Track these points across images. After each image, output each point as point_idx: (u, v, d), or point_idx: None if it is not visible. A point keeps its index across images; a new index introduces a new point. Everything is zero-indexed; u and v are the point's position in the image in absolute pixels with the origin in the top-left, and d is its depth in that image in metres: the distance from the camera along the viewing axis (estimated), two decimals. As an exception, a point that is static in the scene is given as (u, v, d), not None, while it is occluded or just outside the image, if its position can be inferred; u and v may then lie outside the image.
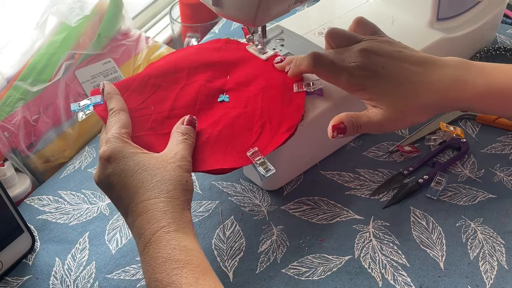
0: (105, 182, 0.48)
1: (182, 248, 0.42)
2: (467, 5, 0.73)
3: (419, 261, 0.54)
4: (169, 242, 0.42)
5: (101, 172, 0.48)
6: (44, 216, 0.62)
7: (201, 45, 0.66)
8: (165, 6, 1.09)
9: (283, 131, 0.54)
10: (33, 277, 0.55)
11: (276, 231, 0.58)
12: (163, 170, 0.46)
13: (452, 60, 0.52)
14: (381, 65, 0.52)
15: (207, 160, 0.52)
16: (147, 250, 0.43)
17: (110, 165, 0.47)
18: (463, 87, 0.51)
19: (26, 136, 0.67)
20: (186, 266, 0.41)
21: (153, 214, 0.44)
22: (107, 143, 0.48)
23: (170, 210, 0.44)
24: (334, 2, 0.77)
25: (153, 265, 0.42)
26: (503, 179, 0.62)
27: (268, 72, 0.60)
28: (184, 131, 0.51)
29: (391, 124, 0.52)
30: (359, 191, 0.62)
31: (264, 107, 0.56)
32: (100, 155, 0.48)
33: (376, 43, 0.54)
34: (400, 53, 0.53)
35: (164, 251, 0.42)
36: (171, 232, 0.43)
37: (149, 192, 0.45)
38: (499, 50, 0.79)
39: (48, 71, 0.69)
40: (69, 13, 0.71)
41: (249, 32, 0.63)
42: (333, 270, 0.54)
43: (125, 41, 0.78)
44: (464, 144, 0.65)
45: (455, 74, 0.51)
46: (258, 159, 0.52)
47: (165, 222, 0.43)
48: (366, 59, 0.52)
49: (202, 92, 0.58)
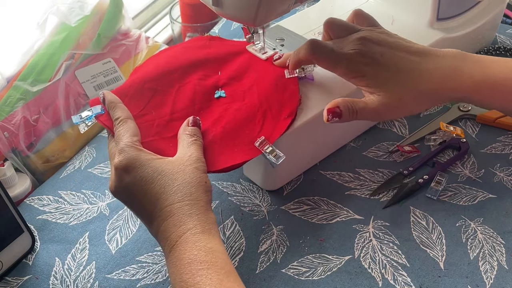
0: (124, 192, 0.48)
1: (207, 249, 0.43)
2: (467, 5, 0.73)
3: (419, 261, 0.54)
4: (195, 244, 0.43)
5: (118, 182, 0.48)
6: (44, 216, 0.62)
7: (185, 44, 0.66)
8: (165, 6, 1.09)
9: (285, 117, 0.55)
10: (33, 277, 0.55)
11: (276, 231, 0.58)
12: (182, 173, 0.46)
13: (450, 51, 0.53)
14: (380, 53, 0.53)
15: (219, 159, 0.52)
16: (173, 252, 0.44)
17: (128, 174, 0.47)
18: (460, 77, 0.51)
19: (26, 136, 0.67)
20: (211, 267, 0.42)
21: (179, 218, 0.44)
22: (122, 152, 0.48)
23: (195, 212, 0.45)
24: (334, 2, 0.77)
25: (179, 266, 0.43)
26: (503, 179, 0.62)
27: (257, 63, 0.62)
28: (192, 132, 0.52)
29: (388, 111, 0.53)
30: (359, 191, 0.62)
31: (261, 97, 0.57)
32: (115, 166, 0.48)
33: (375, 33, 0.54)
34: (399, 43, 0.54)
35: (190, 252, 0.43)
36: (198, 234, 0.44)
37: (173, 197, 0.45)
38: (499, 50, 0.79)
39: (48, 71, 0.69)
40: (69, 13, 0.71)
41: (249, 32, 0.63)
42: (333, 270, 0.54)
43: (125, 41, 0.78)
44: (464, 144, 0.65)
45: (453, 64, 0.52)
46: (267, 148, 0.52)
47: (191, 225, 0.44)
48: (365, 46, 0.53)
49: (198, 91, 0.58)
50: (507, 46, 0.80)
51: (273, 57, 0.62)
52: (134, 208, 0.49)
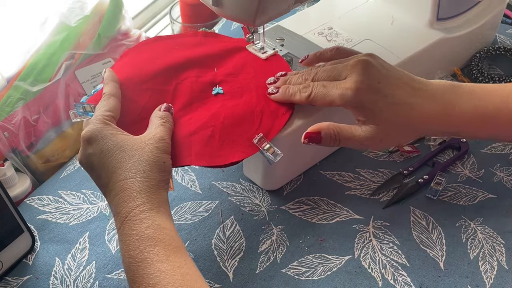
0: (86, 163, 0.49)
1: (155, 226, 0.44)
2: (467, 5, 0.73)
3: (419, 261, 0.54)
4: (143, 221, 0.44)
5: (82, 152, 0.50)
6: (44, 216, 0.62)
7: (179, 38, 0.65)
8: (165, 6, 1.09)
9: (282, 112, 0.55)
10: (33, 277, 0.55)
11: (276, 231, 0.58)
12: (140, 151, 0.47)
13: (441, 84, 0.52)
14: (379, 79, 0.51)
15: (219, 155, 0.52)
16: (122, 228, 0.45)
17: (90, 145, 0.48)
18: (452, 111, 0.51)
19: (26, 136, 0.67)
20: (159, 243, 0.43)
21: (129, 193, 0.45)
22: (89, 124, 0.50)
23: (146, 190, 0.45)
24: (334, 2, 0.77)
25: (128, 242, 0.43)
26: (503, 179, 0.62)
27: (253, 60, 0.62)
28: (162, 116, 0.53)
29: (374, 145, 0.52)
30: (359, 191, 0.62)
31: (259, 93, 0.57)
32: (81, 136, 0.49)
33: (374, 57, 0.53)
34: (398, 73, 0.53)
35: (138, 229, 0.43)
36: (146, 211, 0.44)
37: (126, 172, 0.46)
38: (499, 50, 0.79)
39: (48, 71, 0.69)
40: (69, 13, 0.71)
41: (249, 32, 0.63)
42: (333, 270, 0.54)
43: (125, 41, 0.78)
44: (464, 144, 0.65)
45: (444, 98, 0.51)
46: (265, 145, 0.52)
47: (140, 201, 0.45)
48: (364, 71, 0.51)
49: (196, 89, 0.58)
50: (507, 46, 0.80)
51: (273, 57, 0.62)
52: (94, 179, 0.50)
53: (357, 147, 0.54)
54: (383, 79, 0.51)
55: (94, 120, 0.50)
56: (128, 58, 0.61)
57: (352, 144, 0.52)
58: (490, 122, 0.52)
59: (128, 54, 0.62)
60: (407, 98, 0.51)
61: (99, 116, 0.50)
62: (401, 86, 0.51)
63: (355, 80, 0.51)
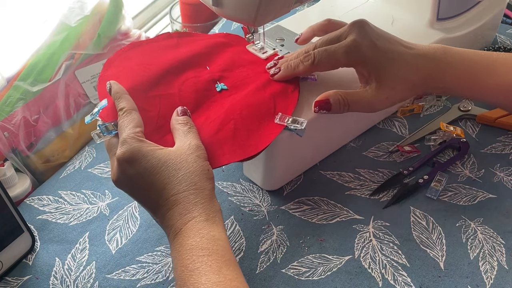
0: (127, 183, 0.49)
1: (210, 237, 0.43)
2: (467, 5, 0.73)
3: (419, 261, 0.54)
4: (199, 231, 0.44)
5: (120, 174, 0.48)
6: (44, 216, 0.62)
7: (155, 42, 0.64)
8: (165, 6, 1.09)
9: (291, 90, 0.57)
10: (33, 277, 0.55)
11: (276, 231, 0.58)
12: (185, 163, 0.47)
13: (431, 46, 0.56)
14: (376, 36, 0.54)
15: (249, 144, 0.52)
16: (177, 238, 0.44)
17: (131, 166, 0.47)
18: (443, 67, 0.54)
19: (26, 136, 0.67)
20: (212, 254, 0.42)
21: (184, 206, 0.45)
22: (124, 144, 0.48)
23: (200, 201, 0.45)
24: (334, 2, 0.77)
25: (181, 251, 0.43)
26: (503, 179, 0.62)
27: (242, 53, 0.63)
28: (185, 121, 0.52)
29: (381, 102, 0.55)
30: (359, 191, 0.62)
31: (263, 81, 0.58)
32: (118, 158, 0.48)
33: (367, 23, 0.56)
34: (388, 34, 0.56)
35: (193, 239, 0.43)
36: (202, 222, 0.44)
37: (178, 186, 0.46)
38: (499, 50, 0.79)
39: (48, 71, 0.69)
40: (69, 13, 0.71)
41: (249, 32, 0.63)
42: (333, 270, 0.54)
43: (125, 41, 0.78)
44: (464, 144, 0.65)
45: (436, 56, 0.54)
46: (287, 120, 0.54)
47: (196, 213, 0.45)
48: (361, 29, 0.54)
49: (199, 88, 0.58)
50: (507, 46, 0.80)
51: (272, 57, 0.62)
52: (138, 197, 0.49)
53: (366, 109, 0.56)
54: (379, 37, 0.55)
55: (129, 140, 0.48)
56: (115, 69, 0.60)
57: (361, 105, 0.55)
58: (479, 83, 0.54)
59: (111, 64, 0.60)
60: (402, 54, 0.54)
61: (132, 134, 0.49)
62: (395, 44, 0.55)
63: (356, 37, 0.54)
